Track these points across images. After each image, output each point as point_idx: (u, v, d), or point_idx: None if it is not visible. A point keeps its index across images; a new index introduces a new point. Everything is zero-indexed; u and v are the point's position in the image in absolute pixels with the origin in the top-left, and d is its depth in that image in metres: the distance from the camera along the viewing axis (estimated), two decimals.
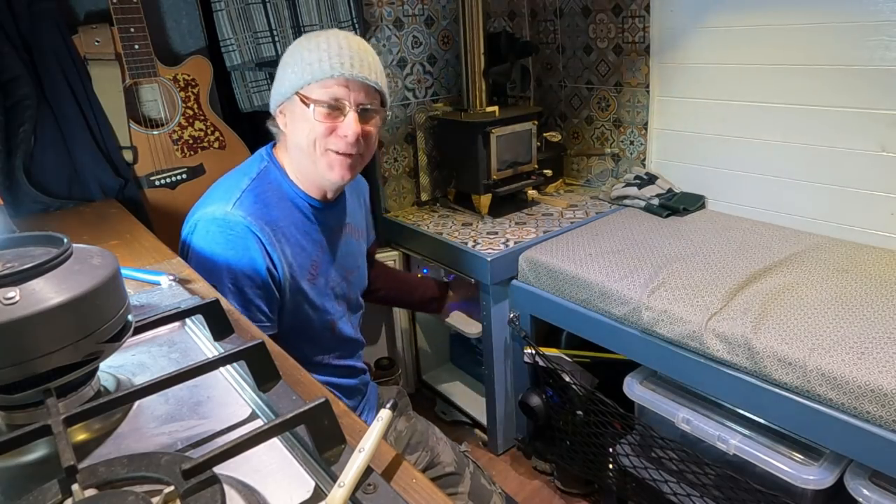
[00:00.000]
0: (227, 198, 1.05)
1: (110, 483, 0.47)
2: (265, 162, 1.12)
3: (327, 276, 1.18)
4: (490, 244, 1.79)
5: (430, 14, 2.11)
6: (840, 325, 1.21)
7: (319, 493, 0.52)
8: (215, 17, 1.67)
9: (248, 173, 1.10)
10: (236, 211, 1.03)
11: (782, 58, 1.66)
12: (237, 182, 1.09)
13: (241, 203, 1.05)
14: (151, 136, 1.61)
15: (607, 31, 2.09)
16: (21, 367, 0.51)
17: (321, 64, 1.01)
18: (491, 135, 1.92)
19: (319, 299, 1.16)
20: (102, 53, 1.50)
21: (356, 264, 1.29)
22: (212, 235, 1.03)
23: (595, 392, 1.58)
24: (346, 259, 1.24)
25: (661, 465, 1.49)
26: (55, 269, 0.54)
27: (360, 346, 1.32)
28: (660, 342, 1.39)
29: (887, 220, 1.56)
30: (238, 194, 1.06)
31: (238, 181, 1.09)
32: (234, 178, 1.11)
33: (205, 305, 0.70)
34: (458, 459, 1.32)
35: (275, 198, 1.09)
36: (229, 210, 1.03)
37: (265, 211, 1.06)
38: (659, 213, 1.91)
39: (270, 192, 1.09)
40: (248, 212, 1.04)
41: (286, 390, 0.62)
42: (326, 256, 1.18)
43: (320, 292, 1.16)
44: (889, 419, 1.05)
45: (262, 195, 1.07)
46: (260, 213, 1.05)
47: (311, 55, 1.02)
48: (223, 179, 1.14)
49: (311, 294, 1.14)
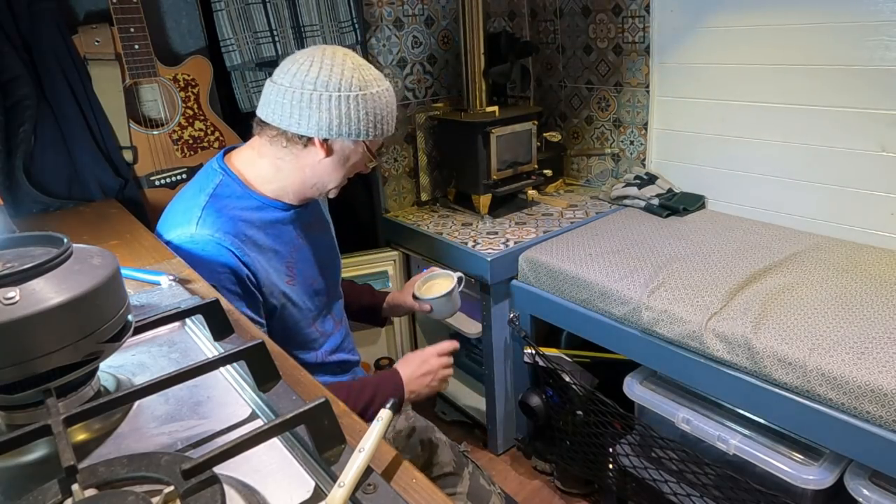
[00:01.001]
0: (188, 219, 1.07)
1: (110, 483, 0.47)
2: (219, 175, 1.12)
3: (304, 275, 1.20)
4: (490, 244, 1.79)
5: (430, 14, 2.11)
6: (840, 325, 1.21)
7: (319, 493, 0.52)
8: (215, 17, 1.67)
9: (203, 189, 1.11)
10: (201, 230, 1.05)
11: (782, 58, 1.66)
12: (195, 200, 1.09)
13: (203, 221, 1.06)
14: (151, 136, 1.61)
15: (607, 31, 2.09)
16: (21, 367, 0.51)
17: (384, 124, 1.10)
18: (491, 135, 1.92)
19: (300, 299, 1.18)
20: (102, 53, 1.50)
21: (331, 257, 1.32)
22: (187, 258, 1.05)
23: (595, 392, 1.58)
24: (320, 255, 1.26)
25: (661, 465, 1.49)
26: (55, 269, 0.54)
27: (346, 336, 1.34)
28: (660, 342, 1.40)
29: (887, 220, 1.56)
30: (198, 213, 1.07)
31: (195, 199, 1.10)
32: (190, 196, 1.12)
33: (205, 305, 0.70)
34: (456, 459, 1.31)
35: (237, 209, 1.10)
36: (195, 231, 1.05)
37: (230, 224, 1.07)
38: (659, 213, 1.91)
39: (232, 205, 1.10)
40: (213, 228, 1.05)
41: (286, 390, 0.62)
42: (301, 255, 1.20)
43: (300, 291, 1.19)
44: (889, 419, 1.05)
45: (222, 209, 1.08)
46: (225, 226, 1.06)
47: (384, 109, 1.10)
48: (178, 199, 1.15)
49: (293, 295, 1.16)
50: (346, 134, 1.08)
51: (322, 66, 1.05)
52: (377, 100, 1.09)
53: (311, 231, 1.25)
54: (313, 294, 1.23)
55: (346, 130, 1.08)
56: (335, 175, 1.14)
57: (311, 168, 1.13)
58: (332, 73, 1.05)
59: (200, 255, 1.04)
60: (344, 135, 1.08)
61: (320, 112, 1.06)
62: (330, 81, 1.05)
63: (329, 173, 1.13)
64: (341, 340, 1.32)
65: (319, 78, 1.05)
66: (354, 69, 1.07)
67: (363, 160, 1.14)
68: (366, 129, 1.09)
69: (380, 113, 1.09)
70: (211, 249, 1.04)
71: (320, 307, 1.26)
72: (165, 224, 1.13)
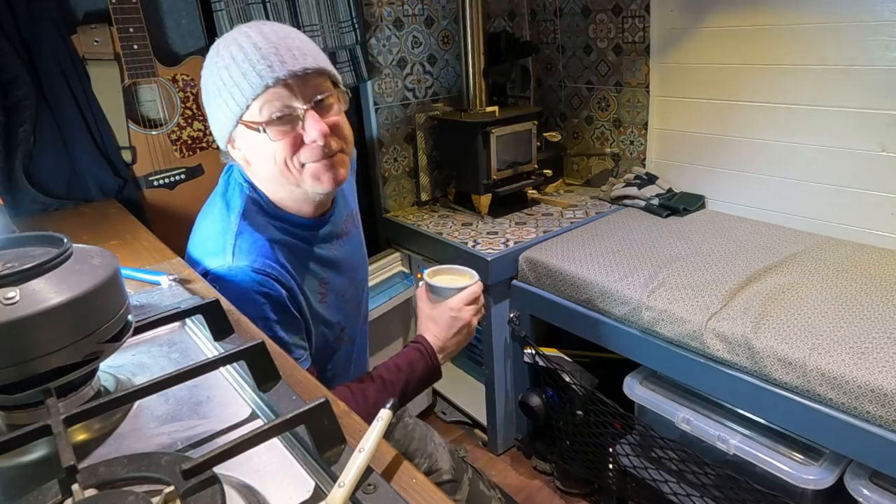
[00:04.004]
0: (222, 248, 0.95)
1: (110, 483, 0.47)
2: (247, 191, 0.99)
3: (337, 290, 1.10)
4: (490, 244, 1.79)
5: (430, 14, 2.11)
6: (840, 325, 1.21)
7: (319, 493, 0.52)
8: (215, 17, 1.67)
9: (231, 207, 0.98)
10: (238, 262, 0.93)
11: (782, 58, 1.66)
12: (226, 224, 0.97)
13: (239, 250, 0.94)
14: (150, 137, 1.61)
15: (607, 31, 2.09)
16: (21, 367, 0.51)
17: (248, 78, 0.86)
18: (491, 135, 1.92)
19: (331, 314, 1.09)
20: (101, 53, 1.50)
21: (360, 257, 1.21)
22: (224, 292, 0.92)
23: (595, 392, 1.58)
24: (352, 258, 1.16)
25: (661, 465, 1.49)
26: (55, 269, 0.54)
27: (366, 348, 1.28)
28: (660, 342, 1.39)
29: (887, 220, 1.56)
30: (232, 240, 0.95)
31: (226, 223, 0.97)
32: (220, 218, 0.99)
33: (205, 305, 0.70)
34: (455, 466, 1.30)
35: (269, 231, 0.98)
36: (231, 263, 0.93)
37: (266, 246, 0.96)
38: (659, 213, 1.91)
39: (264, 228, 0.98)
40: (250, 258, 0.94)
41: (286, 390, 0.62)
42: (333, 269, 1.10)
43: (331, 308, 1.09)
44: (889, 419, 1.05)
45: (257, 230, 0.97)
46: (262, 250, 0.95)
47: (233, 72, 0.87)
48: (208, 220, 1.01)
49: (325, 313, 1.07)
50: (226, 129, 0.92)
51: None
52: (220, 66, 0.89)
53: (342, 236, 1.12)
54: (343, 303, 1.13)
55: (221, 126, 0.92)
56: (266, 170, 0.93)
57: (255, 178, 0.98)
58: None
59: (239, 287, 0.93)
60: (225, 130, 0.92)
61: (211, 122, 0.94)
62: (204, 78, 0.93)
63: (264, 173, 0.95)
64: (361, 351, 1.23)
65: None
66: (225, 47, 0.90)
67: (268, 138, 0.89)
68: (227, 112, 0.89)
69: (230, 78, 0.88)
70: (249, 281, 0.92)
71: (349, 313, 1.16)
72: (199, 248, 1.00)
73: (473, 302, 1.05)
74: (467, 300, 1.04)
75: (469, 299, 1.04)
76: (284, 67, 0.86)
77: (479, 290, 1.07)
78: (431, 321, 1.05)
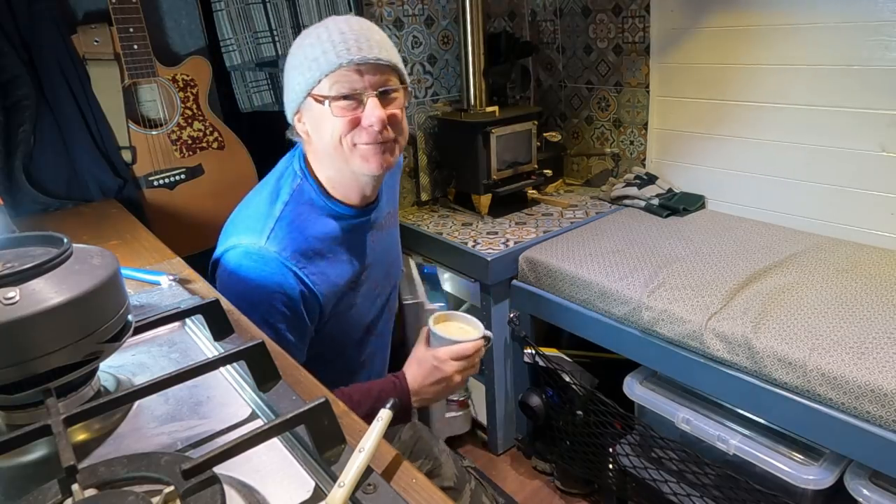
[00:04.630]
0: (259, 228, 1.00)
1: (110, 483, 0.47)
2: (298, 179, 1.05)
3: (370, 280, 1.13)
4: (490, 244, 1.79)
5: (430, 14, 2.11)
6: (840, 325, 1.21)
7: (319, 493, 0.52)
8: (215, 17, 1.67)
9: (280, 195, 1.03)
10: (270, 246, 0.98)
11: (782, 58, 1.66)
12: (270, 208, 1.02)
13: (274, 236, 0.99)
14: (150, 137, 1.61)
15: (607, 31, 2.09)
16: (21, 367, 0.51)
17: (326, 56, 0.94)
18: (491, 135, 1.92)
19: (363, 301, 1.11)
20: (101, 53, 1.50)
21: (396, 252, 1.24)
22: (244, 270, 0.98)
23: (595, 392, 1.58)
24: (390, 253, 1.19)
25: (661, 465, 1.49)
26: (55, 269, 0.54)
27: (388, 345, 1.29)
28: (660, 342, 1.39)
29: (887, 220, 1.56)
30: (271, 224, 0.99)
31: (271, 207, 1.02)
32: (268, 201, 1.04)
33: (205, 305, 0.70)
34: (458, 475, 1.30)
35: (311, 221, 1.02)
36: (263, 245, 0.98)
37: (301, 239, 1.00)
38: (659, 213, 1.91)
39: (307, 217, 1.02)
40: (281, 245, 0.98)
41: (286, 390, 0.62)
42: (370, 260, 1.12)
43: (364, 295, 1.11)
44: (889, 419, 1.05)
45: (295, 221, 1.01)
46: (295, 243, 0.99)
47: (314, 50, 0.95)
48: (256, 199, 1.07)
49: (355, 299, 1.09)
50: (296, 100, 0.99)
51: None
52: (304, 43, 0.97)
53: (383, 230, 1.16)
54: (375, 296, 1.15)
55: (294, 96, 0.99)
56: (324, 143, 0.99)
57: (311, 153, 1.04)
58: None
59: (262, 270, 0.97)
60: (295, 102, 1.00)
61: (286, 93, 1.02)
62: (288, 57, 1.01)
63: (321, 146, 1.00)
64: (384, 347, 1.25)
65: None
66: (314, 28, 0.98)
67: (330, 113, 0.96)
68: (301, 83, 0.97)
69: (311, 55, 0.96)
70: (273, 268, 0.97)
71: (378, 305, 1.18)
72: (237, 224, 1.05)
73: (462, 359, 1.02)
74: (454, 355, 1.02)
75: (457, 355, 1.02)
76: (360, 53, 0.94)
77: (472, 349, 1.03)
78: (416, 362, 1.06)
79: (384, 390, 1.03)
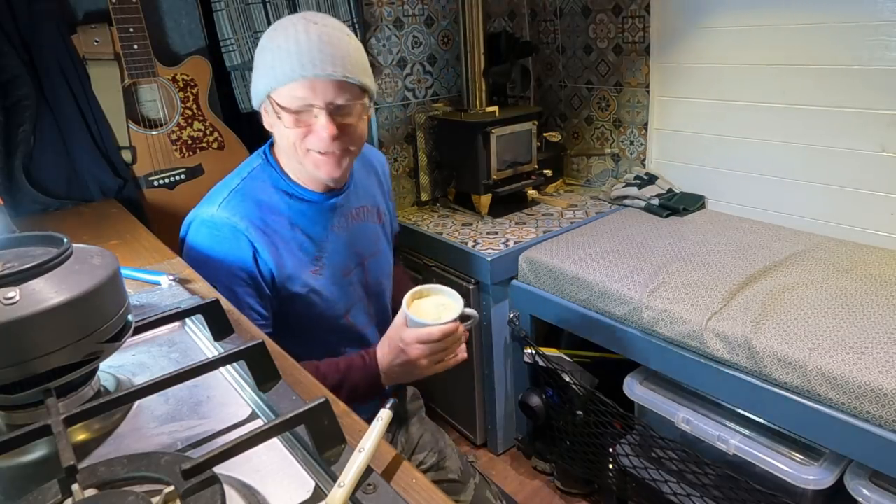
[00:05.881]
0: (215, 199, 1.05)
1: (110, 483, 0.47)
2: (259, 161, 1.11)
3: (336, 267, 1.14)
4: (490, 244, 1.79)
5: (430, 14, 2.11)
6: (840, 325, 1.21)
7: (319, 493, 0.52)
8: (215, 17, 1.67)
9: (240, 174, 1.10)
10: (222, 212, 1.03)
11: (782, 58, 1.66)
12: (228, 183, 1.08)
13: (227, 203, 1.04)
14: (150, 137, 1.61)
15: (607, 31, 2.09)
16: (21, 367, 0.51)
17: (283, 67, 0.96)
18: (491, 135, 1.92)
19: (329, 289, 1.12)
20: (101, 53, 1.50)
21: (373, 249, 1.23)
22: (201, 236, 1.04)
23: (595, 392, 1.58)
24: (359, 244, 1.19)
25: (661, 465, 1.49)
26: (55, 269, 0.54)
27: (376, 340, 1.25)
28: (660, 342, 1.39)
29: (887, 220, 1.56)
30: (226, 194, 1.05)
31: (229, 182, 1.08)
32: (228, 179, 1.11)
33: (205, 305, 0.70)
34: (463, 468, 1.30)
35: (266, 196, 1.07)
36: (215, 212, 1.03)
37: (253, 210, 1.04)
38: (659, 213, 1.91)
39: (261, 191, 1.07)
40: (233, 212, 1.03)
41: (286, 390, 0.62)
42: (334, 247, 1.14)
43: (329, 282, 1.12)
44: (889, 419, 1.05)
45: (250, 194, 1.06)
46: (246, 212, 1.03)
47: (274, 56, 0.97)
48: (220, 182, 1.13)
49: (318, 285, 1.10)
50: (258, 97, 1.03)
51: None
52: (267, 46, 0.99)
53: (353, 220, 1.18)
54: (346, 285, 1.16)
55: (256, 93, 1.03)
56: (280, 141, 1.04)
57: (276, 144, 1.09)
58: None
59: (215, 238, 1.02)
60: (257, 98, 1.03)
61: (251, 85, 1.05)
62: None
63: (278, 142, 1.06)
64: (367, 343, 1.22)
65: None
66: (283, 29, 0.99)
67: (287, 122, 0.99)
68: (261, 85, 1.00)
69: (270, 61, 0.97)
70: (226, 233, 1.02)
71: (353, 298, 1.18)
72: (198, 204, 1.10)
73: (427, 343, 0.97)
74: (419, 339, 0.97)
75: (421, 339, 0.97)
76: (314, 70, 0.95)
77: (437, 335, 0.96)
78: (387, 341, 1.04)
79: (352, 366, 1.05)
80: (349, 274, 1.17)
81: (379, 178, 1.29)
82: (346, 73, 0.97)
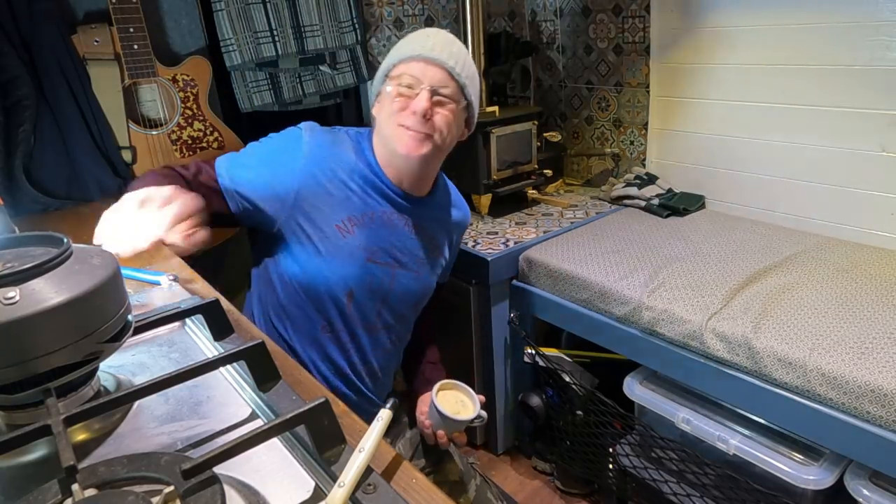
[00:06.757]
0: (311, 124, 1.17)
1: (110, 483, 0.47)
2: (362, 134, 1.20)
3: (362, 242, 1.12)
4: (490, 244, 1.79)
5: (430, 14, 2.11)
6: (840, 325, 1.21)
7: (319, 493, 0.52)
8: (215, 17, 1.67)
9: (344, 128, 1.21)
10: (303, 126, 1.14)
11: (782, 58, 1.66)
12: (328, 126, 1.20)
13: (312, 128, 1.14)
14: (150, 137, 1.61)
15: (607, 31, 2.09)
16: (21, 367, 0.51)
17: (406, 47, 1.11)
18: (491, 135, 1.92)
19: (343, 255, 1.10)
20: (101, 53, 1.50)
21: (412, 265, 1.20)
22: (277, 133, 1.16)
23: (595, 392, 1.58)
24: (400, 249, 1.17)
25: (661, 465, 1.49)
26: (55, 269, 0.54)
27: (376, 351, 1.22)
28: (660, 342, 1.39)
29: (887, 220, 1.56)
30: (320, 125, 1.16)
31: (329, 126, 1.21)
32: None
33: (205, 305, 0.70)
34: (464, 470, 1.30)
35: (347, 150, 1.15)
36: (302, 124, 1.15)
37: (328, 148, 1.13)
38: (659, 213, 1.91)
39: (346, 145, 1.16)
40: (311, 131, 1.13)
41: (286, 390, 0.62)
42: (376, 228, 1.13)
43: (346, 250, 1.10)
44: (889, 419, 1.05)
45: (336, 140, 1.15)
46: (320, 141, 1.12)
47: (402, 42, 1.13)
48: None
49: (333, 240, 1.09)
50: (378, 80, 1.16)
51: None
52: (408, 38, 1.13)
53: (408, 228, 1.18)
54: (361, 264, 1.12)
55: (378, 77, 1.17)
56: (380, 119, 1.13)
57: (375, 133, 1.17)
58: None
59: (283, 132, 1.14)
60: (378, 81, 1.16)
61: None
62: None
63: (378, 122, 1.15)
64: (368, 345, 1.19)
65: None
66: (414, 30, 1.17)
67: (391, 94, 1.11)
68: (384, 65, 1.14)
69: (399, 46, 1.13)
70: (293, 132, 1.13)
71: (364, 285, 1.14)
72: None
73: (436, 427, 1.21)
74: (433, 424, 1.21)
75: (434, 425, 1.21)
76: (431, 52, 1.08)
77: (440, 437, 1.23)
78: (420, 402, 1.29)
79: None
80: (372, 260, 1.13)
81: (457, 226, 1.36)
82: (457, 69, 1.09)
